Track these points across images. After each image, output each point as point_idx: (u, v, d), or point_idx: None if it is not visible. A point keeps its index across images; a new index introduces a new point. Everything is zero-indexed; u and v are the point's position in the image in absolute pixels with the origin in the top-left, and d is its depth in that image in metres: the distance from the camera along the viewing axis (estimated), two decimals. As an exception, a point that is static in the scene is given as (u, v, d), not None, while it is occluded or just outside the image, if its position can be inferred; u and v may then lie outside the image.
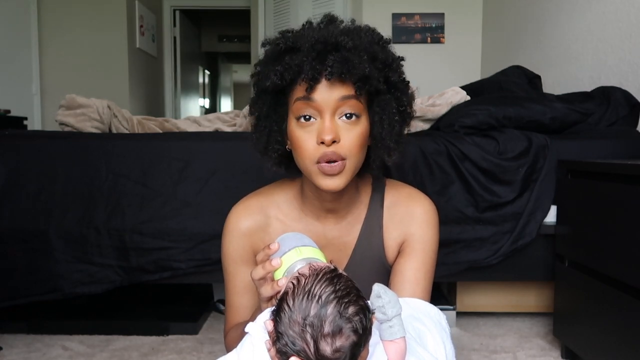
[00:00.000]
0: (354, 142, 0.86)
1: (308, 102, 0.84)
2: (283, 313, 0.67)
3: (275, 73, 0.85)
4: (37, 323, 1.71)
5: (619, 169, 1.23)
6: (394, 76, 0.91)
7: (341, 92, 0.84)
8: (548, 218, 1.61)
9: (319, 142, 0.84)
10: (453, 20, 3.77)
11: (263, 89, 0.90)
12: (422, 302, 0.93)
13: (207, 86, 8.17)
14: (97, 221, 1.59)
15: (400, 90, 0.93)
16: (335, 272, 0.70)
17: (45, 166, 1.61)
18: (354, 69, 0.82)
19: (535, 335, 1.73)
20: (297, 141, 0.87)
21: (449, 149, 1.61)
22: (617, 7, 2.09)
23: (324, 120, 0.85)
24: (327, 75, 0.82)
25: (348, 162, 0.86)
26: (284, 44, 0.87)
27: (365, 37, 0.89)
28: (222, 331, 1.62)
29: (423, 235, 0.99)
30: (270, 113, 0.92)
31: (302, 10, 3.99)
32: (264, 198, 1.02)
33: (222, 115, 2.17)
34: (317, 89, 0.84)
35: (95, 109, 1.83)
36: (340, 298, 0.66)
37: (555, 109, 1.71)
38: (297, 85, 0.86)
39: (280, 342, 0.67)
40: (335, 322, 0.65)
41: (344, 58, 0.83)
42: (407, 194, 1.02)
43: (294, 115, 0.87)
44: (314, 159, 0.85)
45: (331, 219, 0.99)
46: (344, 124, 0.86)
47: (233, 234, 1.00)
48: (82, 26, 4.24)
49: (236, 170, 1.62)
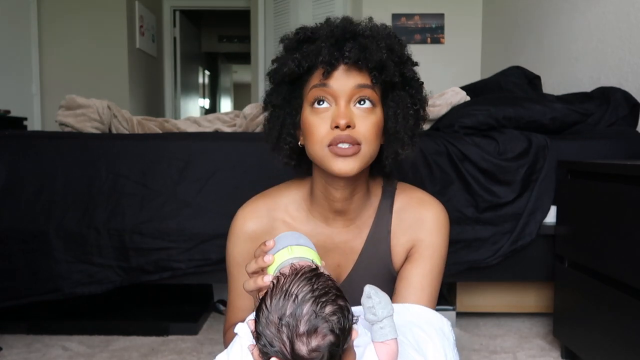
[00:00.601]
0: (369, 129, 0.85)
1: (324, 88, 0.85)
2: (262, 313, 0.67)
3: (293, 60, 0.86)
4: (37, 323, 1.71)
5: (619, 170, 1.23)
6: (409, 72, 0.91)
7: (357, 80, 0.85)
8: (548, 218, 1.61)
9: (332, 127, 0.84)
10: (453, 21, 3.77)
11: (279, 79, 0.91)
12: (425, 309, 0.92)
13: (207, 86, 8.17)
14: (97, 221, 1.59)
15: (414, 88, 0.93)
16: (315, 272, 0.69)
17: (45, 166, 1.61)
18: (371, 56, 0.83)
19: (535, 335, 1.73)
20: (310, 127, 0.86)
21: (448, 149, 1.61)
22: (617, 8, 2.09)
23: (339, 106, 0.84)
24: (345, 60, 0.83)
25: (363, 148, 0.85)
26: (302, 34, 0.89)
27: (383, 31, 0.90)
28: (222, 331, 1.62)
29: (432, 242, 0.97)
30: (285, 105, 0.92)
31: (302, 10, 3.99)
32: (272, 200, 1.01)
33: (222, 115, 2.17)
34: (334, 75, 0.84)
35: (95, 109, 1.83)
36: (317, 297, 0.65)
37: (555, 109, 1.71)
38: (313, 74, 0.87)
39: (260, 342, 0.66)
40: (311, 322, 0.64)
41: (362, 45, 0.84)
42: (418, 199, 1.01)
43: (309, 102, 0.87)
44: (325, 142, 0.84)
45: (339, 222, 0.98)
46: (359, 112, 0.85)
47: (238, 237, 0.99)
48: (82, 26, 4.25)
49: (236, 170, 1.62)
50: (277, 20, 4.27)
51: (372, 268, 0.99)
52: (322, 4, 3.90)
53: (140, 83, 4.64)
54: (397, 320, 0.79)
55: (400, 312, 0.89)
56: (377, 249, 0.99)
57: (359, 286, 0.83)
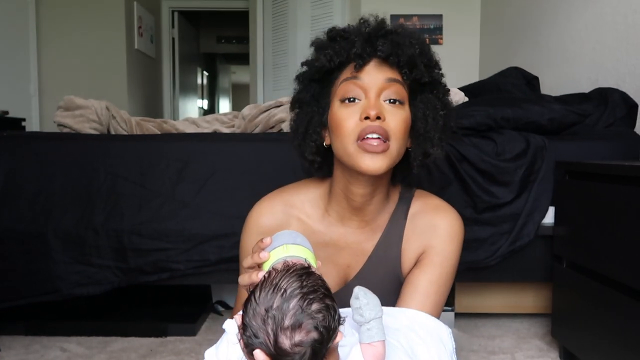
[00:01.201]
0: (398, 125, 0.85)
1: (355, 80, 0.85)
2: (249, 304, 0.68)
3: (326, 55, 0.87)
4: (35, 324, 1.71)
5: (617, 170, 1.23)
6: (437, 77, 0.92)
7: (388, 74, 0.86)
8: (546, 219, 1.61)
9: (362, 118, 0.83)
10: (451, 22, 3.78)
11: (309, 77, 0.91)
12: (423, 315, 0.91)
13: (206, 87, 8.17)
14: (96, 222, 1.59)
15: (442, 92, 0.93)
16: (306, 270, 0.70)
17: (43, 167, 1.61)
18: (403, 52, 0.85)
19: (534, 336, 1.73)
20: (339, 120, 0.86)
21: (447, 150, 1.61)
22: (614, 9, 2.09)
23: (369, 98, 0.85)
24: (378, 53, 0.84)
25: (391, 144, 0.85)
26: (335, 32, 0.91)
27: (415, 33, 0.92)
28: (221, 332, 1.62)
29: (444, 249, 0.96)
30: (313, 102, 0.93)
31: (300, 11, 3.99)
32: (289, 196, 1.00)
33: (221, 116, 2.17)
34: (365, 69, 0.85)
35: (93, 110, 1.83)
36: (305, 294, 0.66)
37: (553, 110, 1.72)
38: (343, 70, 0.88)
39: (246, 333, 0.67)
40: (296, 317, 0.64)
41: (394, 41, 0.86)
42: (434, 205, 1.00)
43: (339, 97, 0.87)
44: (355, 136, 0.84)
45: (355, 222, 0.97)
46: (389, 107, 0.86)
47: (252, 231, 0.99)
48: (80, 27, 4.24)
49: (235, 171, 1.62)
50: (276, 21, 4.27)
51: (380, 271, 0.99)
52: (321, 5, 3.90)
53: (139, 84, 4.64)
54: (392, 324, 0.79)
55: (397, 316, 0.88)
56: (388, 252, 0.98)
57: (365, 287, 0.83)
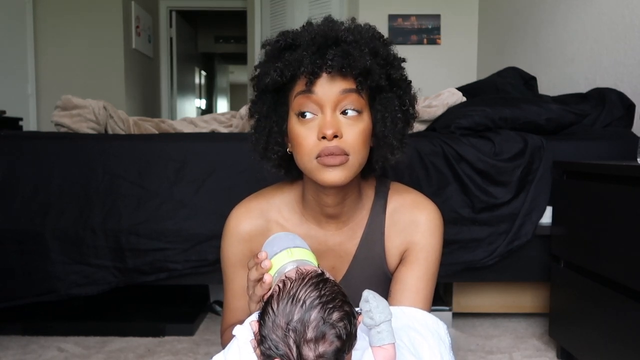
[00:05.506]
0: (356, 139, 0.83)
1: (308, 95, 0.83)
2: (267, 316, 0.67)
3: (275, 70, 0.84)
4: (33, 324, 1.71)
5: (614, 170, 1.24)
6: (395, 74, 0.89)
7: (342, 85, 0.82)
8: (544, 219, 1.62)
9: (319, 138, 0.82)
10: (449, 22, 3.78)
11: (263, 88, 0.89)
12: (420, 312, 0.92)
13: (204, 87, 8.16)
14: (93, 222, 1.59)
15: (402, 89, 0.91)
16: (322, 277, 0.69)
17: (41, 167, 1.60)
18: (355, 62, 0.81)
19: (531, 335, 1.74)
20: (297, 138, 0.85)
21: (445, 150, 1.62)
22: (612, 9, 2.10)
23: (325, 115, 0.83)
24: (328, 69, 0.81)
25: (351, 158, 0.84)
26: (283, 41, 0.86)
27: (366, 33, 0.88)
28: (218, 332, 1.62)
29: (427, 245, 0.96)
30: (271, 113, 0.91)
31: (298, 11, 3.99)
32: (265, 201, 1.00)
33: (219, 116, 2.17)
34: (318, 82, 0.82)
35: (91, 109, 1.82)
36: (324, 304, 0.65)
37: (550, 110, 1.72)
38: (297, 81, 0.85)
39: (264, 345, 0.66)
40: (319, 328, 0.64)
41: (345, 51, 0.81)
42: (412, 200, 0.99)
43: (295, 112, 0.85)
44: (314, 154, 0.83)
45: (332, 225, 0.97)
46: (345, 120, 0.84)
47: (233, 238, 0.98)
48: (78, 27, 4.23)
49: (232, 171, 1.62)
50: (274, 20, 4.27)
51: (367, 270, 0.99)
52: (319, 4, 3.90)
53: (137, 83, 4.63)
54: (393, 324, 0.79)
55: (397, 315, 0.88)
56: (371, 250, 0.98)
57: (354, 288, 0.82)
